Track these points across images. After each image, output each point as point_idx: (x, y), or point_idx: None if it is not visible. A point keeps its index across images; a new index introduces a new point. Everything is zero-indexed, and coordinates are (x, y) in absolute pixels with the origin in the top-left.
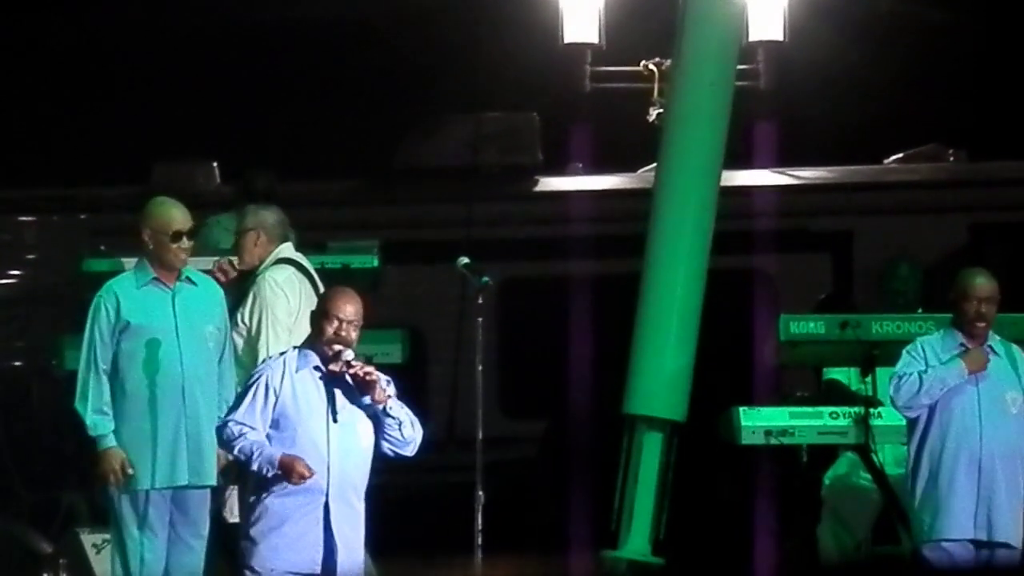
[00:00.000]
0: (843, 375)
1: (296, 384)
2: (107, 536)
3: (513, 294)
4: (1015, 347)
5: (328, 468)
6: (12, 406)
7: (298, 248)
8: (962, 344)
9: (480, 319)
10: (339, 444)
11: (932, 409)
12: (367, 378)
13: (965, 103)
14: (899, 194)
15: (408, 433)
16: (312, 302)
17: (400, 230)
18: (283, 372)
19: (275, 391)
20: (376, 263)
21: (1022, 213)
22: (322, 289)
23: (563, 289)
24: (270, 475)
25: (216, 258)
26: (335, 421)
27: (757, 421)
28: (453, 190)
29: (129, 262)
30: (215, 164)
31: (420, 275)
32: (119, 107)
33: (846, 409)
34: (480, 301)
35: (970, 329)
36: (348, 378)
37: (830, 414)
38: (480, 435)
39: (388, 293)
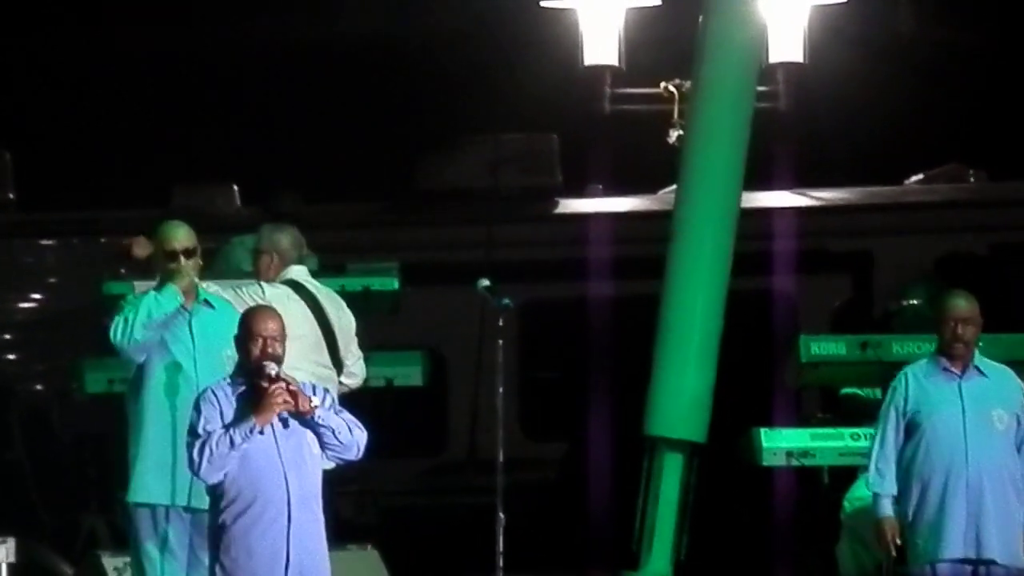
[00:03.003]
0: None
1: (240, 405)
2: (128, 559)
3: (533, 316)
4: (1007, 369)
5: (285, 477)
6: (33, 429)
7: (319, 269)
8: (945, 368)
9: (500, 341)
10: (292, 454)
11: (918, 433)
12: (289, 389)
13: (985, 123)
14: (919, 214)
15: (346, 438)
16: (309, 325)
17: (420, 252)
18: (224, 396)
19: (221, 414)
20: (396, 285)
21: None
22: (330, 314)
23: (583, 311)
24: (257, 432)
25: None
26: (285, 429)
27: (778, 443)
28: (473, 212)
29: (141, 285)
30: (235, 187)
31: (440, 297)
32: (139, 129)
33: (867, 430)
34: (500, 323)
35: (948, 351)
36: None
37: (851, 435)
38: (501, 457)
39: (408, 315)
